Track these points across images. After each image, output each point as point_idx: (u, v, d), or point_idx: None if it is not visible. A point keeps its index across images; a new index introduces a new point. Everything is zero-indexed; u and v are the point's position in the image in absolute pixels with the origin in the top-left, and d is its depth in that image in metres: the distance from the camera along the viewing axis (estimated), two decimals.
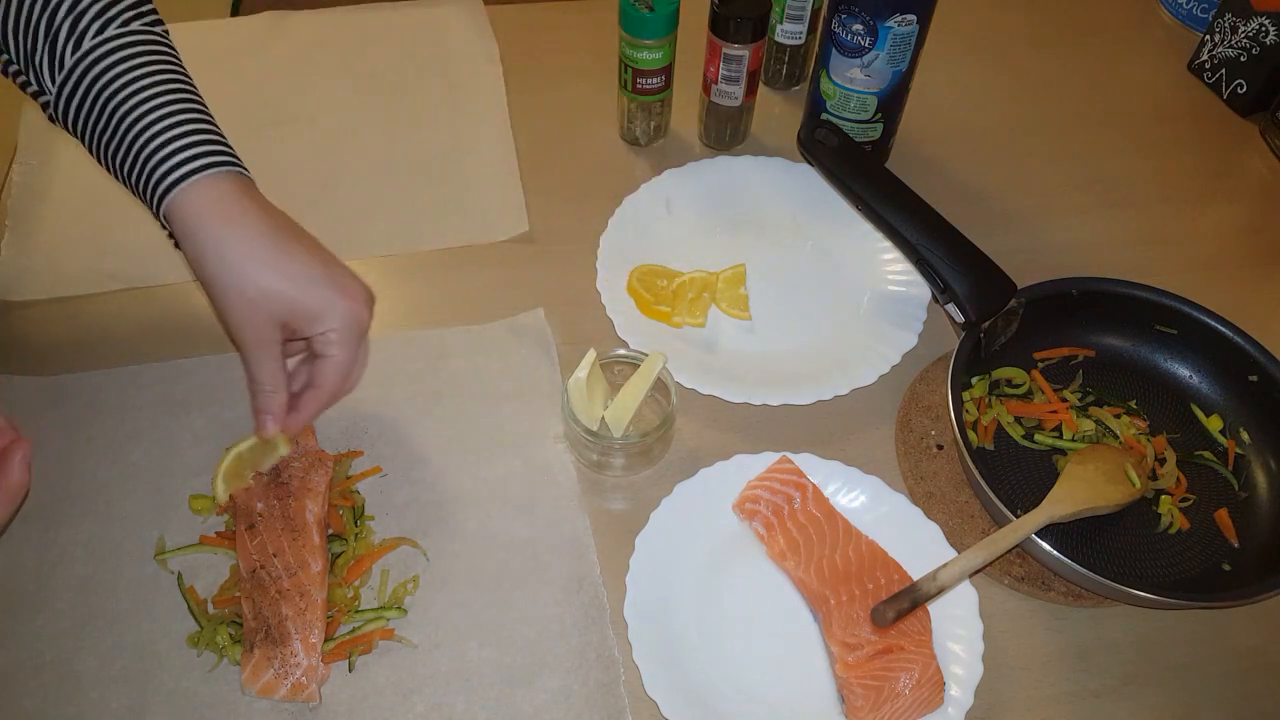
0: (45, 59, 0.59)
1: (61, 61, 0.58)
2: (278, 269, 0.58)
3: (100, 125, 0.59)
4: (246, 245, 0.58)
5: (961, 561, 0.60)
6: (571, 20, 1.05)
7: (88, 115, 0.59)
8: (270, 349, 0.60)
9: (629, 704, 0.60)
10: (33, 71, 0.60)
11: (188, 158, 0.58)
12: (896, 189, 0.76)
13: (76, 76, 0.58)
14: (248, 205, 0.59)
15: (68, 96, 0.59)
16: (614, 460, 0.70)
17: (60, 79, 0.59)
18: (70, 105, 0.59)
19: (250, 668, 0.59)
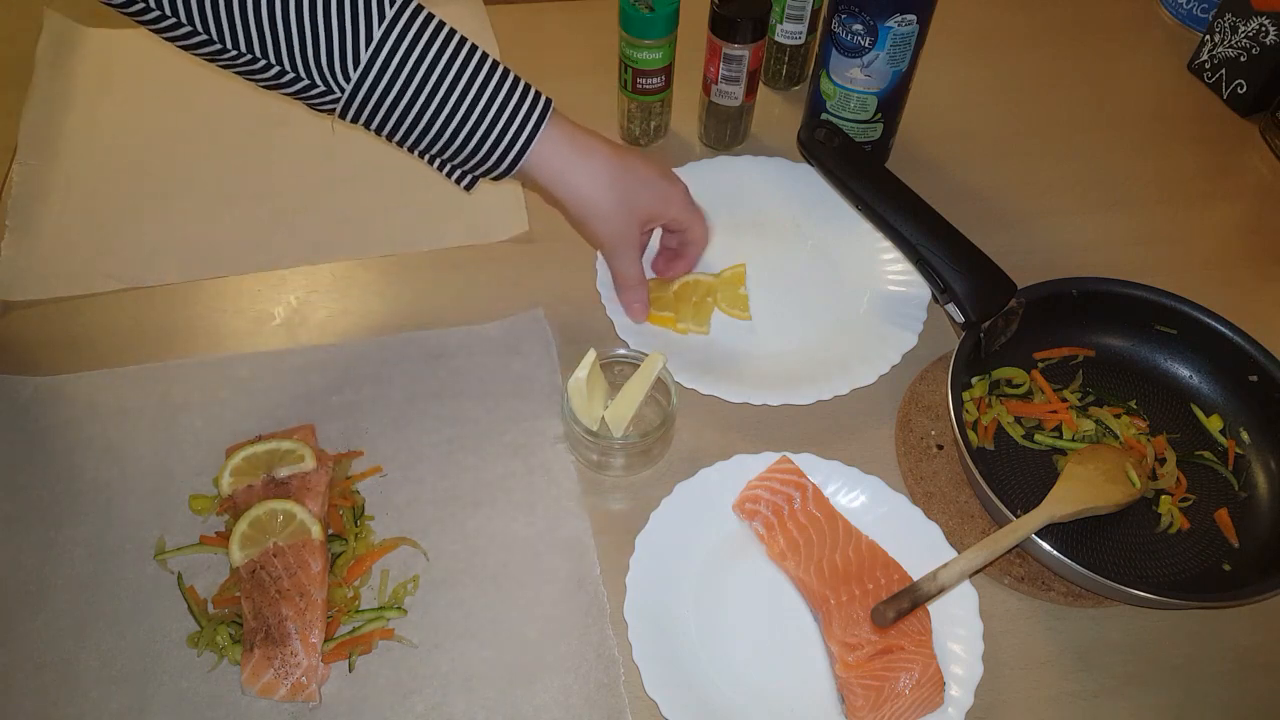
0: (337, 60, 0.59)
1: (356, 58, 0.58)
2: (632, 184, 0.70)
3: (412, 112, 0.61)
4: (603, 174, 0.68)
5: (961, 561, 0.60)
6: (571, 20, 1.05)
7: (392, 106, 0.60)
8: (636, 248, 0.73)
9: (629, 704, 0.60)
10: (317, 75, 0.59)
11: (519, 126, 0.64)
12: (896, 189, 0.76)
13: (377, 71, 0.59)
14: (579, 140, 0.68)
15: (367, 91, 0.60)
16: (614, 460, 0.70)
17: (356, 76, 0.59)
18: (370, 99, 0.60)
19: (250, 668, 0.59)
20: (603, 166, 0.68)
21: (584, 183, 0.68)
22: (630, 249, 0.73)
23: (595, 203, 0.69)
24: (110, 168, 0.89)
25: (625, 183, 0.69)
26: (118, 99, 0.95)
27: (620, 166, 0.69)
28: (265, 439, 0.68)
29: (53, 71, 0.96)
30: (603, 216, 0.69)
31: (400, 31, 0.59)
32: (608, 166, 0.68)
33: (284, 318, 0.79)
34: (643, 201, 0.71)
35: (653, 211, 0.72)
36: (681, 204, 0.74)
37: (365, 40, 0.58)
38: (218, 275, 0.82)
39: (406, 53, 0.59)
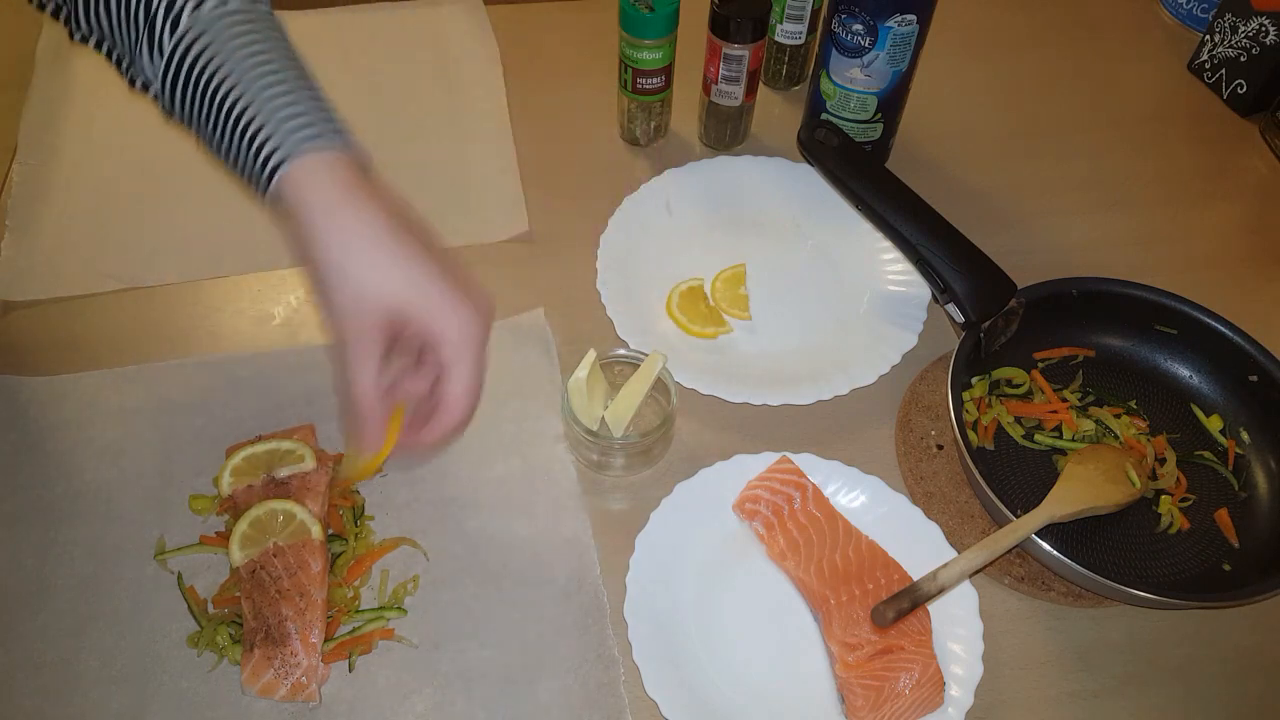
0: (145, 45, 0.56)
1: (161, 46, 0.56)
2: (396, 263, 0.52)
3: (205, 108, 0.55)
4: (364, 232, 0.52)
5: (961, 561, 0.60)
6: (571, 20, 1.05)
7: (191, 99, 0.55)
8: (371, 349, 0.53)
9: (629, 704, 0.60)
10: (138, 61, 0.58)
11: (297, 129, 0.53)
12: (896, 189, 0.76)
13: (178, 60, 0.55)
14: (365, 188, 0.53)
15: (170, 82, 0.56)
16: (614, 460, 0.70)
17: (162, 65, 0.56)
18: (175, 91, 0.56)
19: (250, 668, 0.59)
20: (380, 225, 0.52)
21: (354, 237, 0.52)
22: (360, 347, 0.53)
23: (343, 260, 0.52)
24: (110, 168, 0.89)
25: (392, 252, 0.52)
26: (118, 99, 0.94)
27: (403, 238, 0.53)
28: (265, 439, 0.68)
29: (53, 71, 0.96)
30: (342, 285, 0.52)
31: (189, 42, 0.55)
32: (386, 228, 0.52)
33: (284, 318, 0.79)
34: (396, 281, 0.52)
35: (405, 301, 0.52)
36: (462, 332, 0.53)
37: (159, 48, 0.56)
38: (218, 275, 0.82)
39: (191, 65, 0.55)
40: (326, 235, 0.52)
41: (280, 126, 0.53)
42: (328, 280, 0.52)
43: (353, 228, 0.52)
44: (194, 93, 0.55)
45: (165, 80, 0.56)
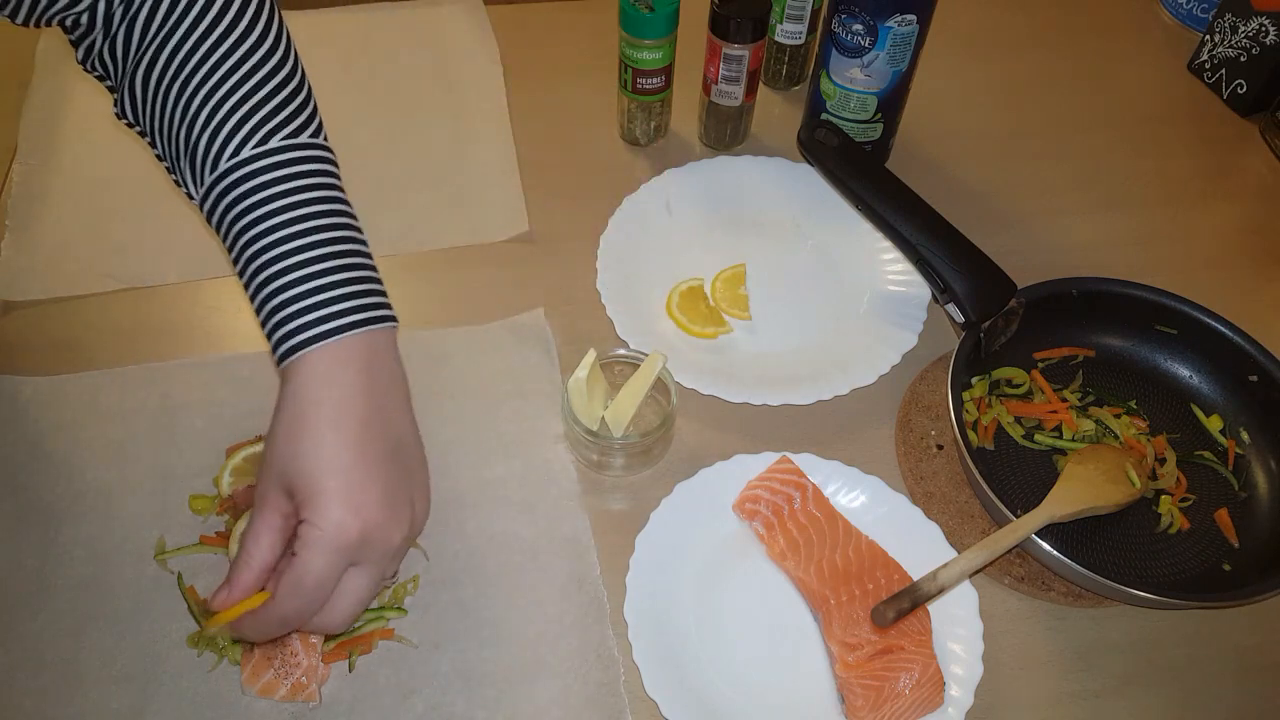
0: (188, 169, 0.55)
1: (201, 177, 0.55)
2: (305, 438, 0.52)
3: (233, 254, 0.54)
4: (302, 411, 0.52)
5: (961, 561, 0.60)
6: (571, 20, 1.05)
7: (224, 237, 0.55)
8: (264, 512, 0.52)
9: (629, 704, 0.60)
10: (178, 174, 0.57)
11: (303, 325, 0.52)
12: (896, 189, 0.76)
13: (215, 197, 0.54)
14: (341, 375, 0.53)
15: (209, 211, 0.55)
16: (614, 460, 0.70)
17: (201, 195, 0.55)
18: (212, 219, 0.55)
19: (250, 668, 0.59)
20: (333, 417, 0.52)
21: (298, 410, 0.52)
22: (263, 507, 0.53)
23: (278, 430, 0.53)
24: (110, 168, 0.89)
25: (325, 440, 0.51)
26: None
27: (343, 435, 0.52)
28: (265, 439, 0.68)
29: (53, 71, 0.96)
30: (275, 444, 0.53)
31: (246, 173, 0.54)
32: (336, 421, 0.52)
33: None
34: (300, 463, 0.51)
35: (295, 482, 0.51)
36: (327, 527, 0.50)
37: (211, 166, 0.54)
38: (218, 275, 0.82)
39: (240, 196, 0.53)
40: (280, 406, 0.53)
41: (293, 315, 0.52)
42: (272, 437, 0.53)
43: (300, 407, 0.52)
44: (226, 234, 0.55)
45: (204, 208, 0.56)
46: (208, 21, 0.55)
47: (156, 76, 0.55)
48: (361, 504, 0.51)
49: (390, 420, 0.55)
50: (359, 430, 0.52)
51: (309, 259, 0.53)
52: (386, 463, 0.53)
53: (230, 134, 0.54)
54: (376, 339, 0.54)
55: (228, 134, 0.54)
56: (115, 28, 0.56)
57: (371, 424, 0.53)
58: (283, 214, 0.53)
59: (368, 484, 0.52)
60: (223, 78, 0.55)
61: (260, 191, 0.53)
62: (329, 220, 0.55)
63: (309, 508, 0.51)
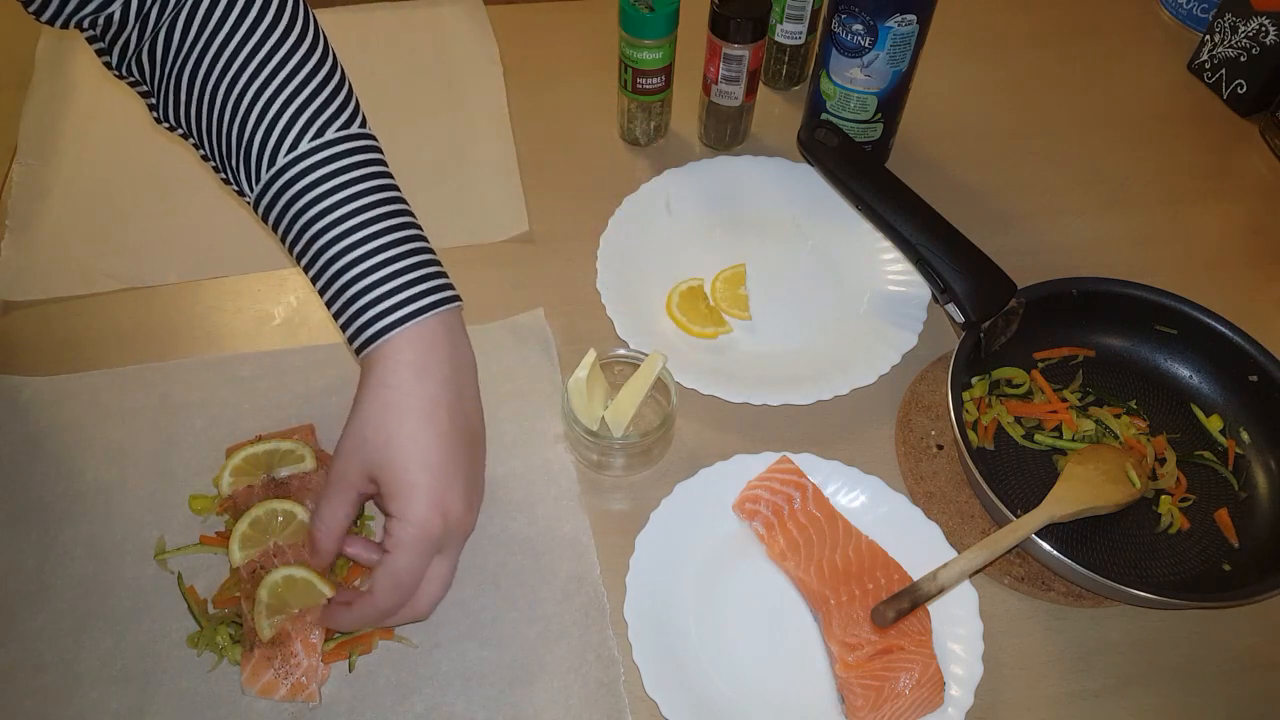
0: (241, 167, 0.56)
1: (258, 174, 0.55)
2: (399, 431, 0.54)
3: (300, 246, 0.56)
4: (397, 403, 0.54)
5: (961, 561, 0.60)
6: (571, 20, 1.05)
7: (286, 231, 0.56)
8: (344, 491, 0.56)
9: (629, 704, 0.60)
10: (229, 173, 0.57)
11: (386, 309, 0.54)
12: (896, 189, 0.76)
13: (274, 192, 0.55)
14: (429, 362, 0.55)
15: (266, 207, 0.56)
16: (614, 460, 0.70)
17: (258, 191, 0.56)
18: (270, 215, 0.56)
19: (250, 668, 0.59)
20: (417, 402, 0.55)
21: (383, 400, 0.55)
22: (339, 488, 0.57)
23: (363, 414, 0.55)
24: (110, 168, 0.89)
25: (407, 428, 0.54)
26: (118, 99, 0.95)
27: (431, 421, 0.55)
28: (265, 439, 0.68)
29: (53, 71, 0.96)
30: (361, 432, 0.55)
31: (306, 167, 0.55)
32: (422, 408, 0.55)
33: (284, 318, 0.79)
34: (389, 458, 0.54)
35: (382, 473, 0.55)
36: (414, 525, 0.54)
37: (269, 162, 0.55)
38: (218, 275, 0.82)
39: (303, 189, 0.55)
40: (370, 392, 0.55)
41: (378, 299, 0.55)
42: (348, 421, 0.56)
43: (393, 395, 0.54)
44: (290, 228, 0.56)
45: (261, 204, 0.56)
46: (251, 19, 0.55)
47: (204, 75, 0.55)
48: (446, 500, 0.55)
49: (468, 408, 0.58)
50: (448, 423, 0.55)
51: (381, 245, 0.55)
52: (466, 454, 0.57)
53: (286, 128, 0.55)
54: (451, 319, 0.57)
55: (283, 129, 0.55)
56: (154, 28, 0.56)
57: (456, 414, 0.56)
58: (349, 204, 0.55)
59: (453, 481, 0.55)
60: (272, 73, 0.55)
61: (324, 183, 0.55)
62: (392, 207, 0.57)
63: (398, 501, 0.54)
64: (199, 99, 0.56)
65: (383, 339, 0.55)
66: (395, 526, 0.55)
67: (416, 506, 0.54)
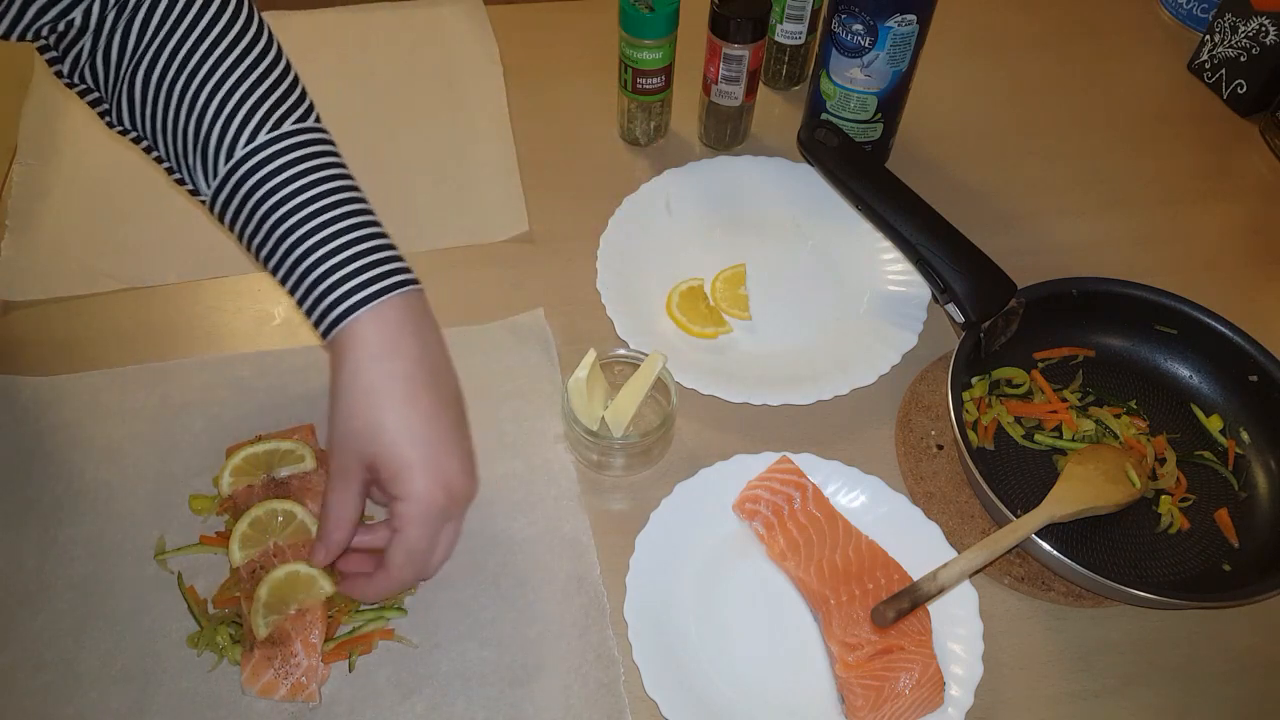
0: (199, 164, 0.56)
1: (215, 169, 0.56)
2: (389, 420, 0.55)
3: (259, 238, 0.56)
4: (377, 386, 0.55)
5: (961, 561, 0.60)
6: (571, 20, 1.05)
7: (245, 224, 0.56)
8: (348, 482, 0.57)
9: (629, 704, 0.60)
10: (185, 172, 0.58)
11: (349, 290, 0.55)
12: (896, 189, 0.76)
13: (232, 185, 0.56)
14: (406, 341, 0.56)
15: (224, 203, 0.57)
16: (614, 460, 0.70)
17: (215, 186, 0.56)
18: (227, 211, 0.57)
19: (250, 668, 0.59)
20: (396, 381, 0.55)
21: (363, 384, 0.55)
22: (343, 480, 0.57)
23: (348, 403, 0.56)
24: (110, 168, 0.89)
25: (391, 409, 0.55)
26: None
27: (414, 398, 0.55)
28: (265, 439, 0.68)
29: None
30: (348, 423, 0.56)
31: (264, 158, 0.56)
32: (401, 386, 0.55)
33: (284, 318, 0.79)
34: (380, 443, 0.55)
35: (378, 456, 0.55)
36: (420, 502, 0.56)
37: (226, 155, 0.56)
38: (218, 275, 0.82)
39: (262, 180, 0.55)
40: (346, 381, 0.56)
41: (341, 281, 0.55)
42: (331, 415, 0.57)
43: (370, 381, 0.55)
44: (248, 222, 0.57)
45: (218, 201, 0.57)
46: (206, 20, 0.56)
47: (158, 76, 0.56)
48: (444, 471, 0.56)
49: (444, 381, 0.58)
50: (429, 399, 0.56)
51: (342, 230, 0.56)
52: (453, 425, 0.58)
53: (243, 123, 0.55)
54: (413, 300, 0.58)
55: (240, 123, 0.55)
56: (109, 33, 0.56)
57: (434, 389, 0.57)
58: (307, 191, 0.56)
59: (448, 453, 0.57)
60: (228, 71, 0.56)
61: (282, 173, 0.55)
62: (350, 195, 0.58)
63: (398, 483, 0.55)
64: (154, 99, 0.56)
65: (346, 322, 0.55)
66: (401, 506, 0.56)
67: (418, 484, 0.56)
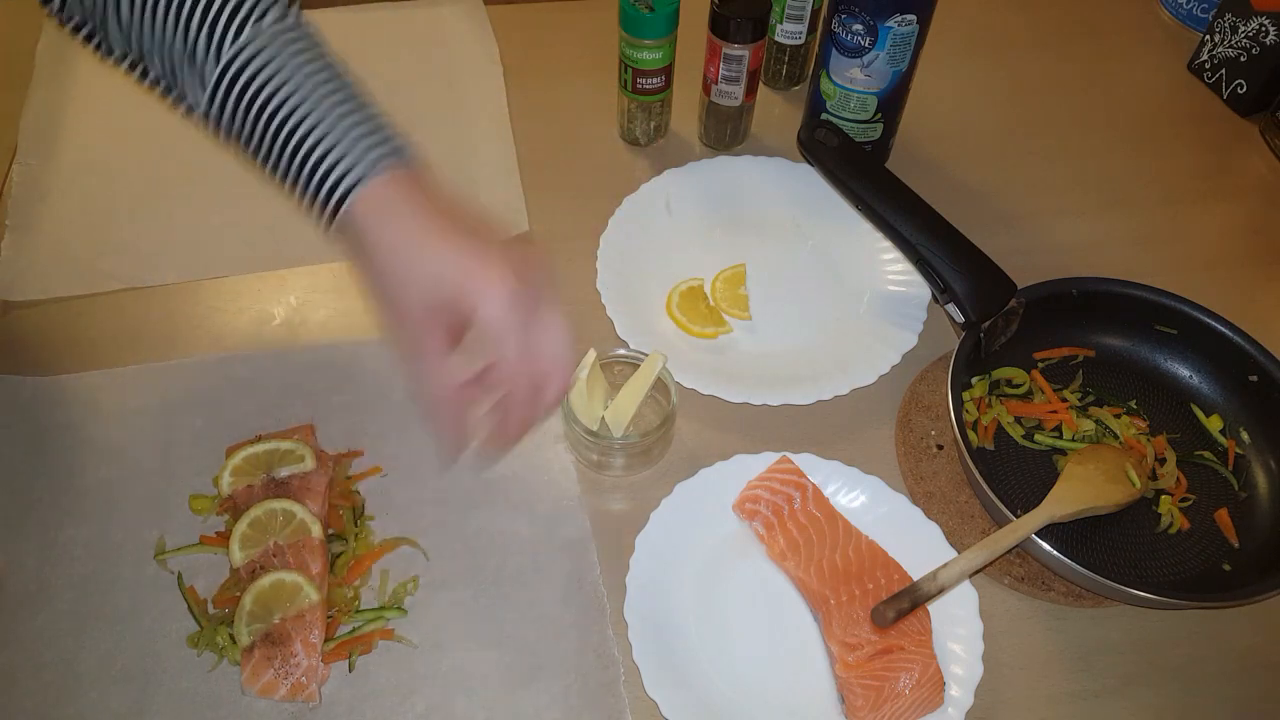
0: (187, 74, 0.57)
1: (205, 75, 0.56)
2: (433, 258, 0.54)
3: (256, 137, 0.56)
4: (411, 239, 0.55)
5: (961, 561, 0.60)
6: (571, 20, 1.05)
7: (240, 126, 0.57)
8: (431, 344, 0.56)
9: (629, 704, 0.60)
10: (180, 87, 0.58)
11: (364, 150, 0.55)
12: (896, 189, 0.76)
13: (224, 88, 0.56)
14: (421, 198, 0.56)
15: (218, 108, 0.57)
16: (614, 460, 0.70)
17: (208, 92, 0.57)
18: (222, 117, 0.57)
19: (250, 668, 0.59)
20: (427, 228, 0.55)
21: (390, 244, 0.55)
22: (416, 342, 0.56)
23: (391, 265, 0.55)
24: (110, 168, 0.89)
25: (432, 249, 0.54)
26: (118, 99, 0.95)
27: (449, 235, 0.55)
28: (265, 439, 0.68)
29: (53, 71, 0.96)
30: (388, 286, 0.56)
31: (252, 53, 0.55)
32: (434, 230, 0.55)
33: (284, 318, 0.79)
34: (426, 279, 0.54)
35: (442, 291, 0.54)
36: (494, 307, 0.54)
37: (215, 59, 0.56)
38: (218, 275, 0.82)
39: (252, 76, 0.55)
40: (378, 247, 0.55)
41: (348, 149, 0.55)
42: (381, 288, 0.56)
43: (401, 237, 0.54)
44: (244, 122, 0.56)
45: (213, 107, 0.57)
46: None
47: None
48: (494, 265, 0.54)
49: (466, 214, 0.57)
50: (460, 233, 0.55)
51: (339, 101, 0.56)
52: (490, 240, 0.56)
53: (227, 24, 0.56)
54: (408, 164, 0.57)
55: (224, 25, 0.56)
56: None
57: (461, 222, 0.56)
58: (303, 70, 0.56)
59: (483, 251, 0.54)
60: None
61: (271, 63, 0.55)
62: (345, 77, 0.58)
63: (467, 299, 0.53)
64: (141, 14, 0.57)
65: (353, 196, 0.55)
66: (482, 320, 0.54)
67: (481, 293, 0.54)
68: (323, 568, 0.62)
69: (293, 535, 0.63)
